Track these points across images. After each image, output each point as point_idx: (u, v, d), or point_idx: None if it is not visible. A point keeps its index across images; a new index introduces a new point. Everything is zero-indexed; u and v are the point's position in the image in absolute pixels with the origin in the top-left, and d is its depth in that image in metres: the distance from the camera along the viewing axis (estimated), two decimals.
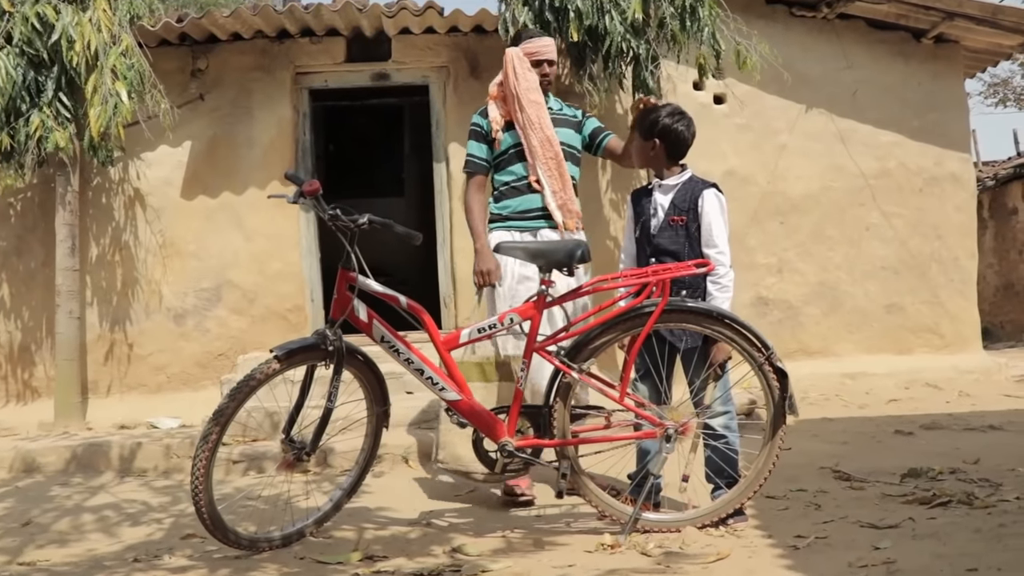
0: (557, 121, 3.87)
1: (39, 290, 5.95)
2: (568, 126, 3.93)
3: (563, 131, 3.88)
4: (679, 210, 3.24)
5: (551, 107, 3.90)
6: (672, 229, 3.24)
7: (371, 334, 3.10)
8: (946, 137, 6.63)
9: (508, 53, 3.84)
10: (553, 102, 3.95)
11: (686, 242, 3.21)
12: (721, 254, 3.16)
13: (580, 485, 3.10)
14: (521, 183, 3.83)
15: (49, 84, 5.26)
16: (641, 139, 3.38)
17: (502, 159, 3.87)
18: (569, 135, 3.91)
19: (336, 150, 9.36)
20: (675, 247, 3.22)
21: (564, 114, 3.97)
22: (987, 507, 3.06)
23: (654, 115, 3.33)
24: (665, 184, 3.31)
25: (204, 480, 2.86)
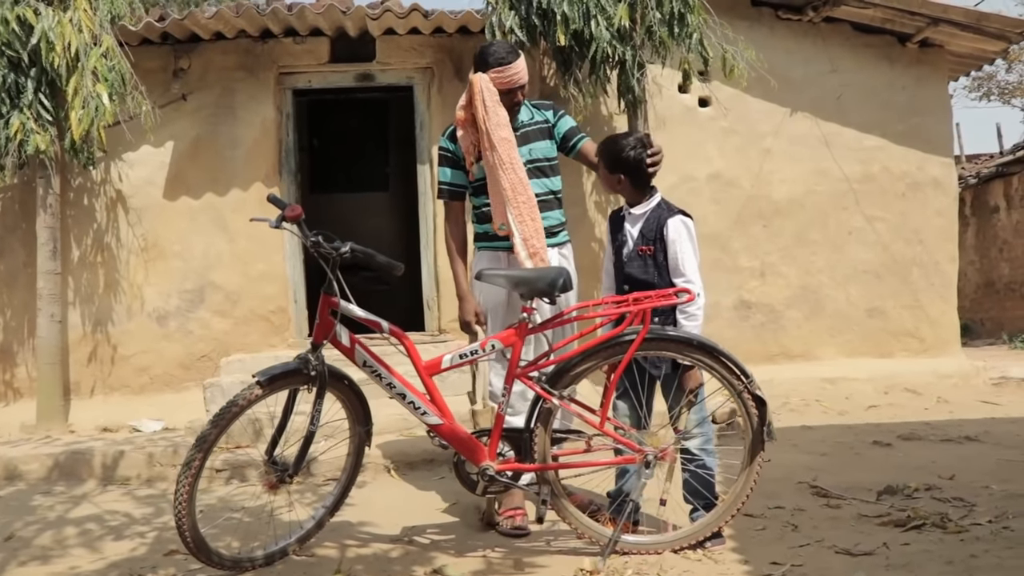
0: (530, 135, 3.62)
1: (20, 291, 5.92)
2: (542, 136, 3.65)
3: (538, 144, 3.63)
4: (646, 240, 3.24)
5: (522, 119, 3.62)
6: (641, 259, 3.25)
7: (353, 359, 3.11)
8: (929, 142, 6.67)
9: (475, 81, 3.47)
10: (523, 112, 3.64)
11: (655, 271, 3.21)
12: (689, 283, 3.15)
13: (560, 507, 3.13)
14: None
15: (29, 86, 5.22)
16: (607, 170, 3.33)
17: (479, 185, 3.65)
18: (545, 147, 3.65)
19: (320, 144, 9.31)
20: (645, 276, 3.23)
21: (535, 122, 3.66)
22: (960, 532, 3.11)
23: (617, 147, 3.30)
24: (633, 213, 3.31)
25: (187, 505, 2.87)
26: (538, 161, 3.63)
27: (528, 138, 3.62)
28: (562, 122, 3.73)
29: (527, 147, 3.60)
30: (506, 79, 3.47)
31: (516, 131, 3.57)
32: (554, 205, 3.68)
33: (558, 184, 3.72)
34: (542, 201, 3.58)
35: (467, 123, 3.55)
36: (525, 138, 3.61)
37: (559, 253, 3.65)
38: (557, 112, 3.75)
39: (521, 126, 3.62)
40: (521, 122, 3.63)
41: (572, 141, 3.70)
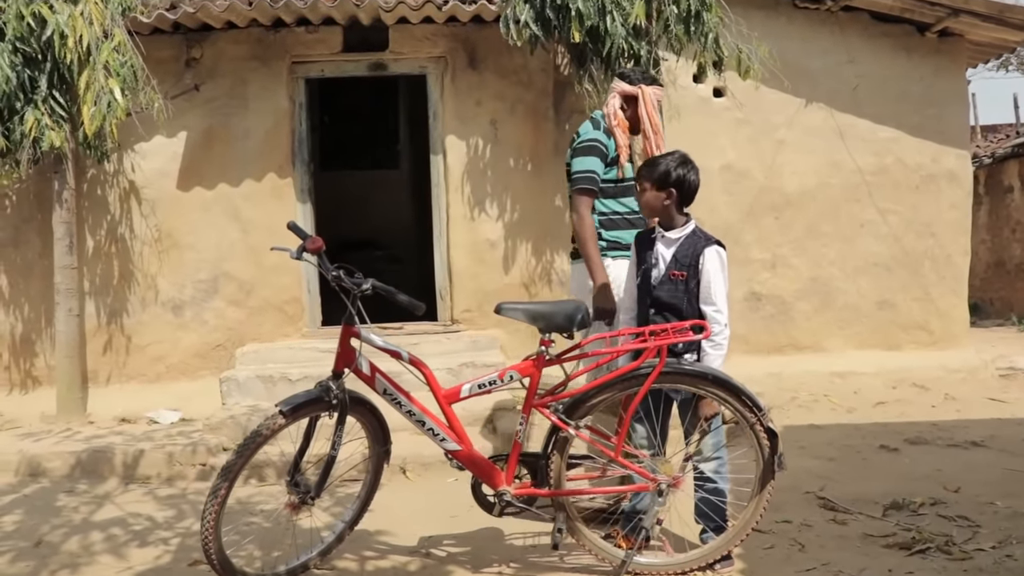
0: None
1: (37, 281, 5.98)
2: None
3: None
4: (680, 265, 3.24)
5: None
6: (672, 283, 3.25)
7: (374, 387, 3.17)
8: (945, 133, 6.63)
9: (645, 91, 3.77)
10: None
11: (685, 297, 3.23)
12: (718, 312, 3.19)
13: (574, 530, 3.21)
14: (635, 216, 3.77)
15: (43, 81, 5.21)
16: (655, 189, 3.30)
17: (621, 187, 3.77)
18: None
19: (330, 121, 9.30)
20: (674, 301, 3.24)
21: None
22: (964, 558, 3.18)
23: (664, 166, 3.29)
24: (668, 236, 3.30)
25: (214, 531, 2.96)
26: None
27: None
28: None
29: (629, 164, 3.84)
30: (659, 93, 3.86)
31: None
32: None
33: None
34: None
35: (622, 127, 3.77)
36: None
37: None
38: None
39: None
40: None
41: None
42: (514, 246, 6.36)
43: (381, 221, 9.38)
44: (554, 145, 6.35)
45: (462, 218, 6.32)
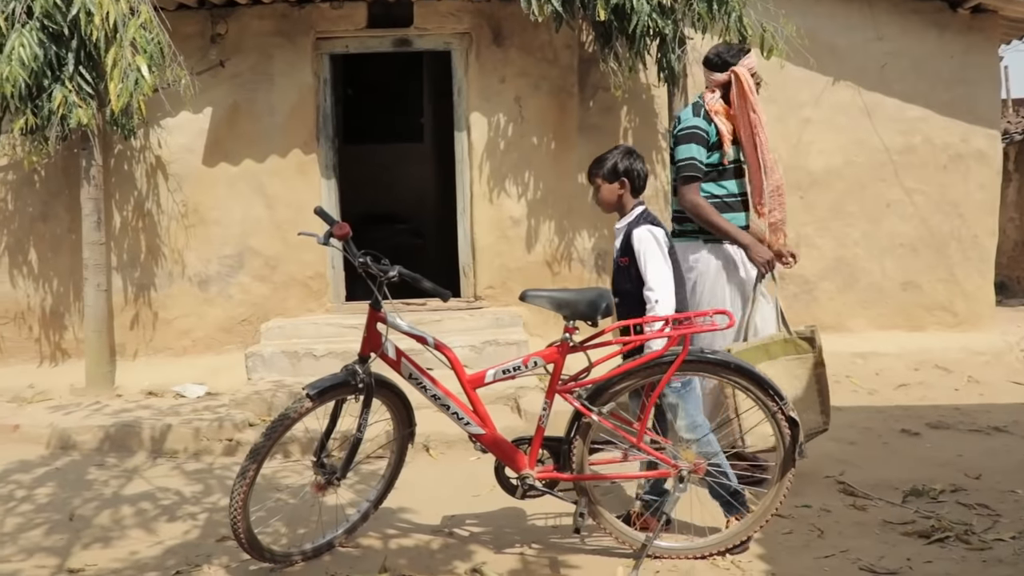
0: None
1: (66, 255, 6.07)
2: None
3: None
4: (623, 251, 3.36)
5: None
6: (620, 271, 3.38)
7: (400, 371, 3.21)
8: (975, 112, 6.54)
9: (740, 73, 3.82)
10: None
11: (632, 283, 3.31)
12: (650, 291, 3.21)
13: (596, 514, 3.26)
14: (733, 199, 3.87)
15: (70, 58, 5.24)
16: (607, 182, 3.42)
17: (719, 171, 3.86)
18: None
19: (354, 93, 9.28)
20: (627, 287, 3.34)
21: None
22: (983, 548, 3.20)
23: (611, 160, 3.41)
24: (618, 227, 3.44)
25: (242, 511, 3.02)
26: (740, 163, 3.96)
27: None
28: None
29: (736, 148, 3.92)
30: (753, 65, 3.88)
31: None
32: None
33: None
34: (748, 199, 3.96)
35: (723, 114, 3.87)
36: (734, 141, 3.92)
37: None
38: None
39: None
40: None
41: None
42: (537, 224, 6.37)
43: (405, 194, 9.40)
44: (578, 122, 6.34)
45: (486, 195, 6.33)
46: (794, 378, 3.81)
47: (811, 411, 3.85)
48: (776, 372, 3.64)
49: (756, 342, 3.76)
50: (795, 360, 3.84)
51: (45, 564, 3.32)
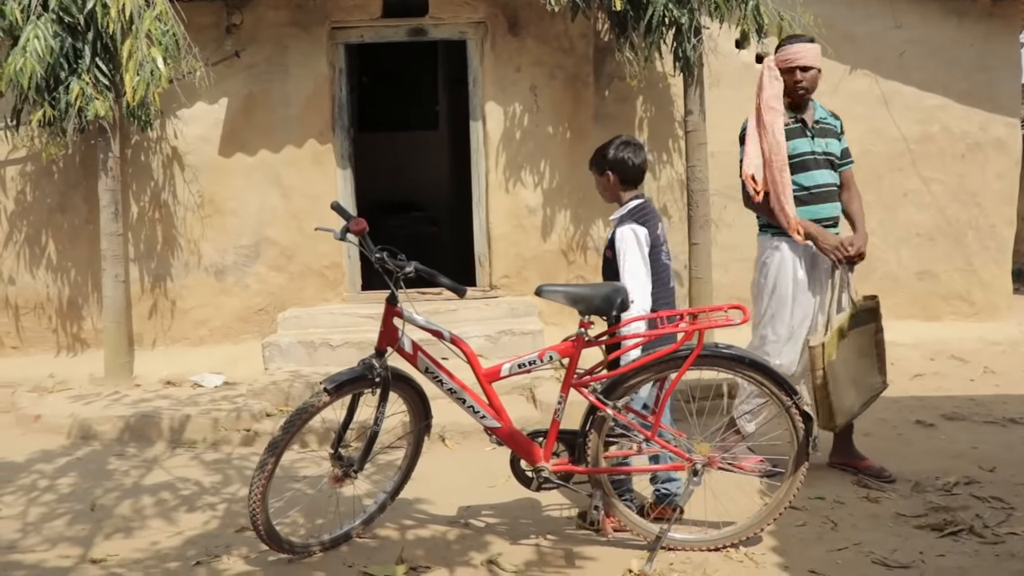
0: (826, 131, 3.98)
1: (84, 246, 6.12)
2: (833, 136, 4.02)
3: (830, 141, 3.99)
4: (608, 245, 3.44)
5: (819, 116, 3.99)
6: (607, 264, 3.46)
7: (416, 365, 3.24)
8: (994, 101, 6.50)
9: (764, 62, 3.96)
10: (819, 111, 4.01)
11: (616, 277, 3.36)
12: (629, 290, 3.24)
13: (611, 506, 3.28)
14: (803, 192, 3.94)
15: (86, 51, 5.27)
16: (597, 174, 3.52)
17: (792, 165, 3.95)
18: (834, 146, 4.01)
19: (370, 82, 9.29)
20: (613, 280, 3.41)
21: (829, 124, 4.03)
22: (996, 542, 3.20)
23: (602, 150, 3.48)
24: (611, 219, 3.50)
25: (261, 504, 3.07)
26: (829, 155, 4.00)
27: (824, 133, 4.00)
28: (844, 138, 4.11)
29: (823, 140, 3.98)
30: (786, 56, 3.93)
31: (816, 123, 3.99)
32: (836, 197, 4.05)
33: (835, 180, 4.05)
34: (832, 191, 4.01)
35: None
36: (822, 132, 4.00)
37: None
38: (842, 127, 4.12)
39: (821, 120, 4.01)
40: (819, 118, 4.01)
41: (844, 160, 4.09)
42: (553, 213, 6.37)
43: (420, 183, 9.43)
44: (594, 112, 6.33)
45: (501, 184, 6.34)
46: (859, 348, 3.95)
47: (872, 375, 4.04)
48: (847, 348, 3.82)
49: (835, 325, 3.83)
50: (862, 331, 3.97)
51: (69, 554, 3.37)
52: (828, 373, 3.73)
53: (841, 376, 3.80)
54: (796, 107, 3.97)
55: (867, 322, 3.99)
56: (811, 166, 3.94)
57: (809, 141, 3.94)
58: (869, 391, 4.00)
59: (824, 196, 3.97)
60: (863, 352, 3.97)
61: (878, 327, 4.05)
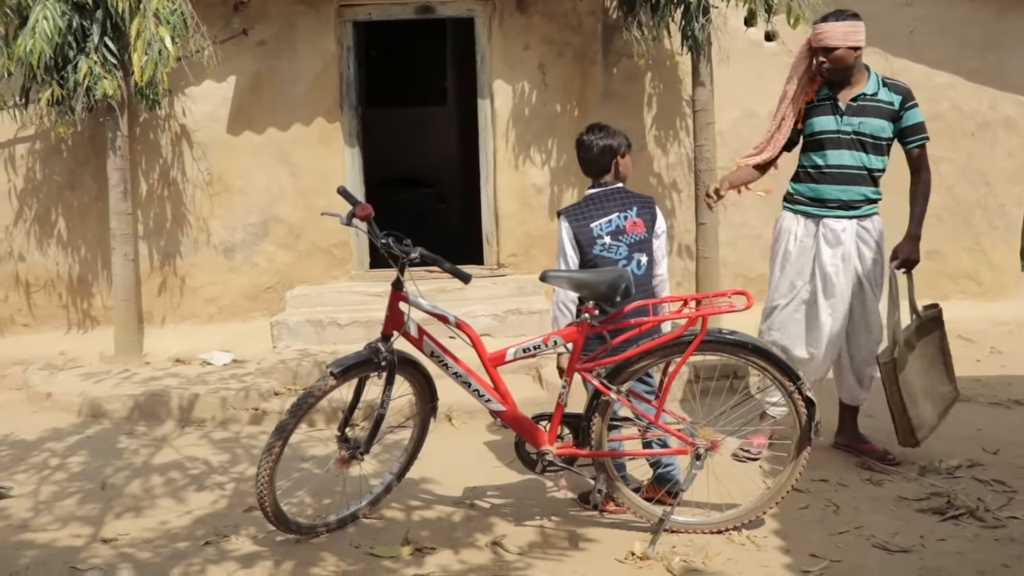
0: (867, 108, 3.81)
1: (93, 224, 6.15)
2: (879, 115, 3.82)
3: (871, 120, 3.81)
4: None
5: (864, 91, 3.82)
6: None
7: (422, 349, 3.27)
8: (1004, 79, 6.44)
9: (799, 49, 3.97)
10: (871, 85, 3.84)
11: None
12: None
13: (614, 489, 3.32)
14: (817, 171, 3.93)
15: (95, 29, 5.27)
16: None
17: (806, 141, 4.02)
18: (877, 125, 3.82)
19: (378, 57, 9.25)
20: None
21: (878, 100, 3.83)
22: (996, 526, 3.23)
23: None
24: None
25: (268, 486, 3.11)
26: (863, 135, 3.84)
27: (864, 111, 3.82)
28: (909, 114, 3.88)
29: (859, 119, 3.83)
30: (811, 36, 3.86)
31: (853, 101, 3.83)
32: (862, 180, 3.89)
33: (876, 163, 3.90)
34: (849, 174, 3.86)
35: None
36: (861, 110, 3.82)
37: (858, 224, 3.91)
38: (908, 101, 3.87)
39: (861, 97, 3.83)
40: (863, 94, 3.84)
41: (910, 138, 3.91)
42: (560, 191, 6.37)
43: (429, 158, 9.42)
44: (602, 89, 6.31)
45: (509, 163, 6.33)
46: (928, 359, 3.96)
47: (943, 383, 4.03)
48: (916, 361, 3.84)
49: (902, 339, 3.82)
50: (928, 341, 3.98)
51: (80, 533, 3.43)
52: (904, 389, 3.74)
53: (916, 390, 3.81)
54: (834, 84, 3.86)
55: (932, 331, 3.98)
56: (829, 145, 3.85)
57: (836, 119, 3.83)
58: (942, 401, 3.98)
59: (840, 178, 3.85)
60: (932, 362, 3.97)
61: (942, 334, 4.03)
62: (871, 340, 3.98)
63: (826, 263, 3.89)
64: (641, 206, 3.47)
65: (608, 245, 3.41)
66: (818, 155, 3.91)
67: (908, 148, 3.93)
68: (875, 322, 3.98)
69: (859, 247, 3.91)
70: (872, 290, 3.96)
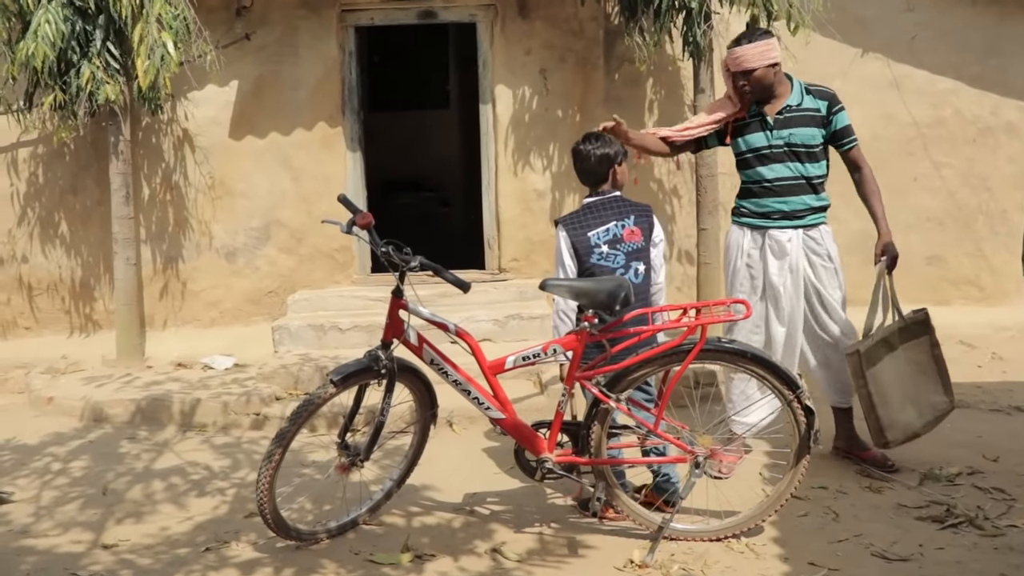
0: (793, 120, 3.83)
1: (95, 228, 6.17)
2: (807, 123, 3.84)
3: (800, 131, 3.83)
4: None
5: (789, 103, 3.84)
6: None
7: (422, 357, 3.28)
8: (1006, 85, 6.44)
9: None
10: (795, 96, 3.86)
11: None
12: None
13: (613, 496, 3.32)
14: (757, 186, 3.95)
15: (97, 34, 5.30)
16: None
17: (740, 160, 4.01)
18: (807, 134, 3.84)
19: (380, 61, 9.26)
20: None
21: (804, 109, 3.85)
22: (995, 535, 3.23)
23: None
24: None
25: (268, 493, 3.12)
26: (795, 146, 3.85)
27: (791, 123, 3.84)
28: (837, 117, 3.91)
29: (788, 131, 3.84)
30: (731, 62, 3.84)
31: (779, 114, 3.84)
32: (802, 190, 3.91)
33: (814, 171, 3.92)
34: (788, 185, 3.88)
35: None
36: (789, 122, 3.84)
37: (805, 234, 3.93)
38: (835, 106, 3.90)
39: (786, 110, 3.85)
40: (788, 106, 3.85)
41: (842, 141, 3.95)
42: (562, 197, 6.38)
43: (431, 161, 9.43)
44: (604, 95, 6.32)
45: (510, 168, 6.34)
46: (916, 365, 3.93)
47: (935, 393, 3.98)
48: (898, 362, 3.81)
49: (877, 336, 3.83)
50: (914, 346, 3.94)
51: (81, 539, 3.44)
52: (871, 384, 3.73)
53: (892, 391, 3.80)
54: (760, 100, 3.87)
55: (919, 335, 3.96)
56: (765, 160, 3.88)
57: (767, 135, 3.86)
58: (932, 410, 3.94)
59: (781, 190, 3.87)
60: (920, 368, 3.93)
61: (933, 341, 3.98)
62: (839, 349, 3.97)
63: (773, 274, 3.90)
64: (639, 215, 3.48)
65: (606, 254, 3.42)
66: (755, 171, 3.91)
67: (843, 151, 3.97)
68: (840, 330, 3.97)
69: (808, 256, 3.93)
70: (831, 298, 3.97)
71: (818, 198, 3.95)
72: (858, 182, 4.05)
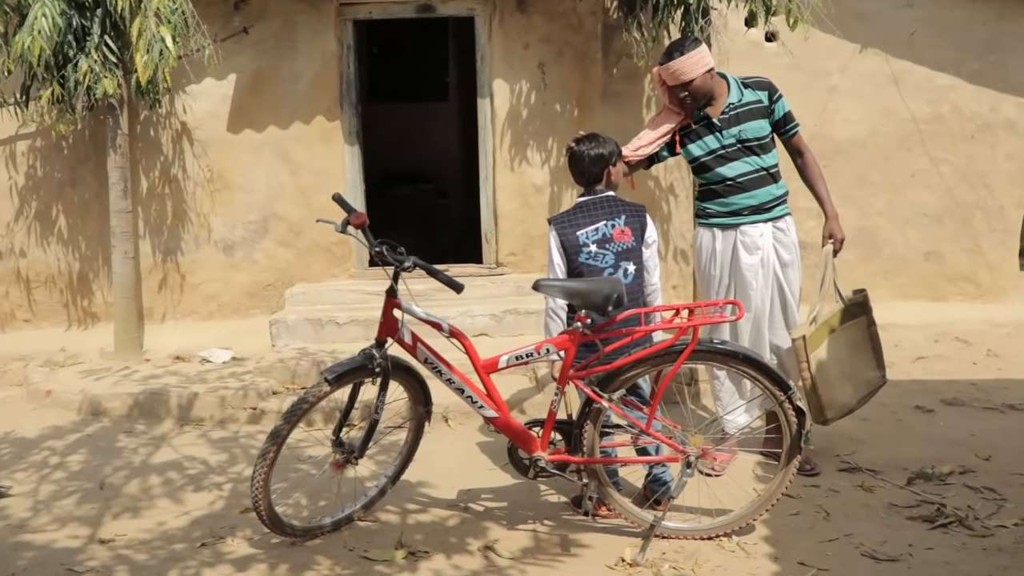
0: (740, 116, 3.84)
1: (94, 221, 6.18)
2: (753, 116, 3.86)
3: (749, 125, 3.84)
4: None
5: (731, 101, 3.84)
6: None
7: (416, 356, 3.29)
8: (1005, 81, 6.43)
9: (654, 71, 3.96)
10: (733, 94, 3.87)
11: None
12: None
13: (605, 495, 3.35)
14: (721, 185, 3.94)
15: (95, 28, 5.29)
16: None
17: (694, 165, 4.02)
18: (755, 127, 3.85)
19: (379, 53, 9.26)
20: None
21: (746, 103, 3.86)
22: (985, 535, 3.25)
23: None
24: None
25: (263, 490, 3.15)
26: (747, 141, 3.86)
27: (738, 119, 3.85)
28: (779, 105, 3.93)
29: (737, 128, 3.85)
30: (669, 77, 3.80)
31: (724, 114, 3.85)
32: (765, 182, 3.92)
33: (770, 160, 3.93)
34: (751, 179, 3.88)
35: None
36: (735, 119, 3.85)
37: (773, 227, 3.94)
38: (774, 94, 3.92)
39: (729, 108, 3.86)
40: (730, 104, 3.86)
41: (785, 128, 3.97)
42: (560, 191, 6.38)
43: (430, 154, 9.43)
44: (602, 89, 6.30)
45: (508, 162, 6.34)
46: (853, 343, 4.00)
47: (870, 369, 4.09)
48: (838, 343, 3.87)
49: (821, 322, 3.87)
50: (852, 326, 4.02)
51: (78, 534, 3.47)
52: (813, 366, 3.75)
53: (832, 371, 3.84)
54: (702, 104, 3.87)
55: (857, 315, 4.03)
56: (722, 161, 3.87)
57: (717, 136, 3.86)
58: (867, 386, 4.04)
59: (747, 185, 3.87)
60: (857, 347, 4.01)
61: (870, 320, 4.09)
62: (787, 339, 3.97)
63: (744, 267, 3.91)
64: (630, 214, 3.49)
65: (594, 253, 3.43)
66: (716, 172, 3.90)
67: (785, 138, 3.99)
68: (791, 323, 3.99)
69: (777, 250, 3.94)
70: (792, 294, 3.99)
71: (779, 186, 3.97)
72: (801, 167, 4.06)
